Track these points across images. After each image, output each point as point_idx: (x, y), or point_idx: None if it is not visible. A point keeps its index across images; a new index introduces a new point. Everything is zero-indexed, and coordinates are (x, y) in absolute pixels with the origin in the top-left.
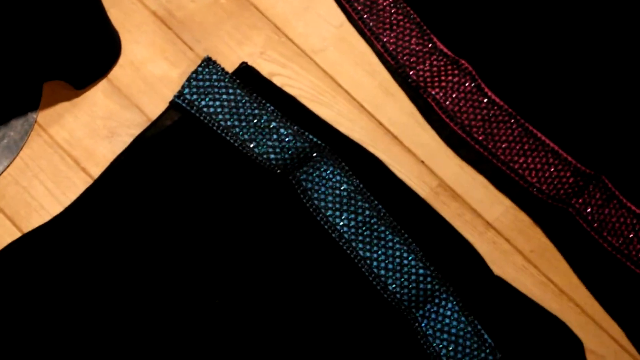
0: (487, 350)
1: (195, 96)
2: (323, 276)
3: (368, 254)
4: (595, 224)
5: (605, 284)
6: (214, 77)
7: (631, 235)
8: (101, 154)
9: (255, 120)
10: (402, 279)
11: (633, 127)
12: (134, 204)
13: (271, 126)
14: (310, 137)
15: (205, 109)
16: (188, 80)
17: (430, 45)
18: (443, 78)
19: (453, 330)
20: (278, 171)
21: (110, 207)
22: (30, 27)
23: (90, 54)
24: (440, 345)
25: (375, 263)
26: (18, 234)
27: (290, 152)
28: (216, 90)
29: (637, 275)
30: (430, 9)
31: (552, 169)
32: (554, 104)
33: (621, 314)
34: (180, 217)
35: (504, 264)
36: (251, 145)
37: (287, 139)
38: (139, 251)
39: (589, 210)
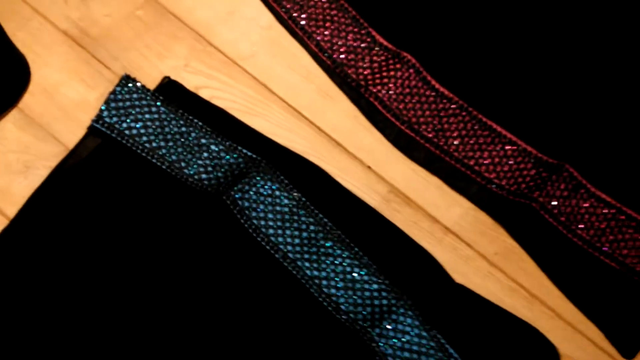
0: None
1: (115, 119)
2: (269, 301)
3: (316, 273)
4: (563, 218)
5: (578, 284)
6: (134, 95)
7: (603, 226)
8: (17, 191)
9: (183, 139)
10: (355, 297)
11: (596, 108)
12: (56, 243)
13: (201, 143)
14: (245, 151)
15: (127, 132)
16: (106, 102)
17: (369, 39)
18: (385, 74)
19: (415, 347)
20: (211, 191)
21: (30, 248)
22: None
23: None
24: None
25: (324, 282)
26: None
27: (223, 169)
28: (138, 109)
29: (612, 270)
30: (367, 1)
31: (510, 162)
32: (508, 91)
33: (598, 314)
34: (108, 254)
35: (467, 270)
36: (180, 166)
37: (219, 156)
38: (64, 296)
39: (554, 203)
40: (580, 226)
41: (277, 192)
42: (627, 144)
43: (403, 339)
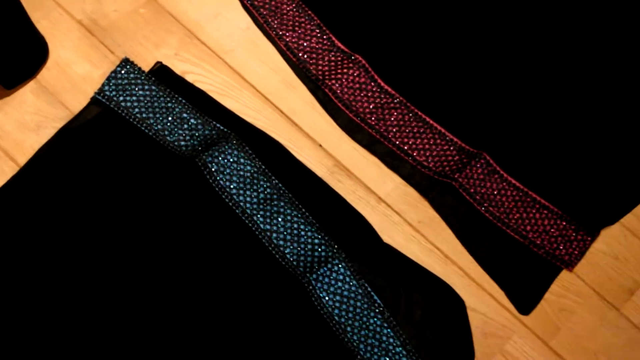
0: (377, 310)
1: (114, 93)
2: (226, 247)
3: (268, 227)
4: (478, 196)
5: (486, 250)
6: (131, 75)
7: (511, 206)
8: (29, 145)
9: (168, 113)
10: (299, 248)
11: (511, 109)
12: (56, 189)
13: (182, 117)
14: (218, 125)
15: (122, 104)
16: (108, 79)
17: (328, 43)
18: (340, 71)
19: (345, 293)
20: (187, 155)
21: (35, 192)
22: None
23: (19, 57)
24: (333, 306)
25: (275, 235)
26: None
27: (199, 139)
28: (133, 87)
29: (514, 241)
30: (329, 12)
31: (438, 149)
32: (440, 91)
33: (500, 275)
34: (100, 201)
35: (394, 233)
36: (164, 134)
37: (196, 128)
38: (61, 232)
39: (471, 182)
40: (492, 204)
41: (242, 160)
42: (536, 139)
43: (336, 285)
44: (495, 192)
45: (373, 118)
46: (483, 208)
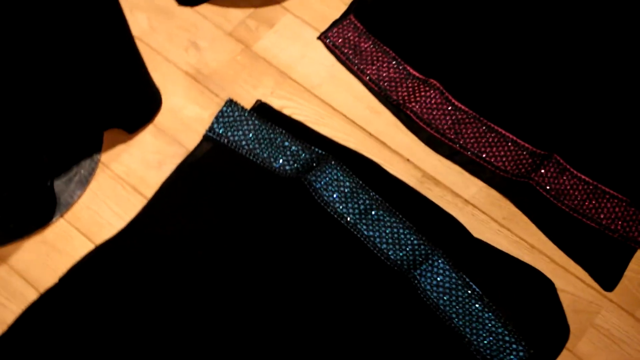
0: (476, 297)
1: (222, 129)
2: (336, 254)
3: (371, 233)
4: (553, 192)
5: (567, 237)
6: (236, 113)
7: (583, 197)
8: (153, 180)
9: (271, 142)
10: (401, 249)
11: (576, 114)
12: (181, 216)
13: (284, 145)
14: (316, 149)
15: (231, 138)
16: (216, 118)
17: (404, 72)
18: (418, 94)
19: (447, 284)
20: (293, 177)
21: (163, 219)
22: (93, 94)
23: (139, 106)
24: (437, 297)
25: (377, 240)
26: (92, 246)
27: (301, 162)
28: (238, 122)
29: (590, 228)
30: (402, 46)
31: (513, 154)
32: (508, 104)
33: (583, 258)
34: (221, 221)
35: (483, 230)
36: (270, 161)
37: (297, 153)
38: (188, 249)
39: (546, 180)
40: (567, 198)
41: (341, 177)
42: (599, 138)
43: (438, 279)
44: (568, 187)
45: (452, 132)
46: (559, 202)
